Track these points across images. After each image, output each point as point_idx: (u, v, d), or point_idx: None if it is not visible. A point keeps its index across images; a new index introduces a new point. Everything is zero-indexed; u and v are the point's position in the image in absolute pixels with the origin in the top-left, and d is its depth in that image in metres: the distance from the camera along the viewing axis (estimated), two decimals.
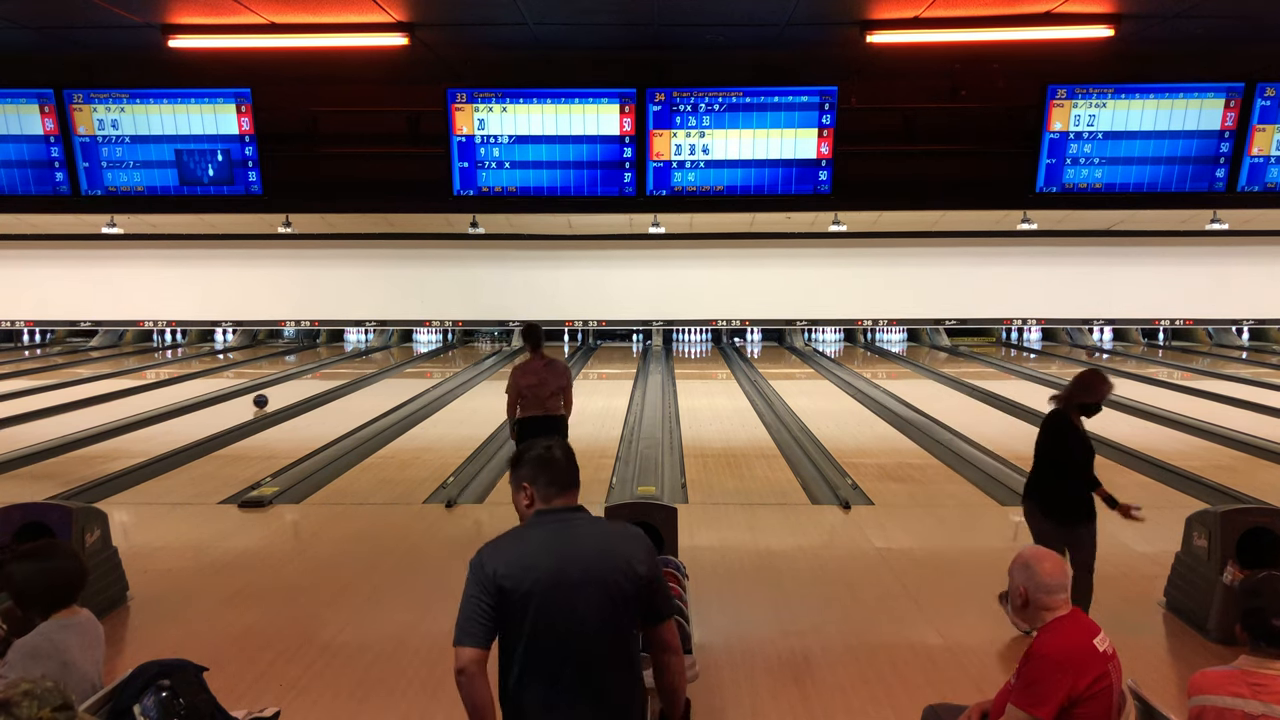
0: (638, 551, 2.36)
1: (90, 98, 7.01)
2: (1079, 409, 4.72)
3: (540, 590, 2.24)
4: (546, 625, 2.24)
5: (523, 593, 2.24)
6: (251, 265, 19.77)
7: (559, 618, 2.24)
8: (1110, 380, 4.78)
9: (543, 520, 2.37)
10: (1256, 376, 15.06)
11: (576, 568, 2.28)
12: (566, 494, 2.41)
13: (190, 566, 5.96)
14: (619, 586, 2.29)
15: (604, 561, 2.31)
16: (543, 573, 2.25)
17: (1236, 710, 2.53)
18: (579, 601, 2.25)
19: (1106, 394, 4.72)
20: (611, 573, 2.29)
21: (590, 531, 2.38)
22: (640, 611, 2.35)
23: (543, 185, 7.07)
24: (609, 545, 2.36)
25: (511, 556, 2.29)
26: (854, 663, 4.46)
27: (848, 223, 16.01)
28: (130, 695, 2.68)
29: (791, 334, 21.22)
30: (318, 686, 4.23)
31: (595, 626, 2.27)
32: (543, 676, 2.27)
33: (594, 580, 2.27)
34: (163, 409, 11.87)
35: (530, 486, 2.40)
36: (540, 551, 2.30)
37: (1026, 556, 2.86)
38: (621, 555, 2.33)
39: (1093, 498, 4.70)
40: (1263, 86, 6.72)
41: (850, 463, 8.76)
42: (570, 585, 2.25)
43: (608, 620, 2.29)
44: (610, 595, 2.28)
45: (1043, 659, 2.67)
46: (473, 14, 6.05)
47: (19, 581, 2.88)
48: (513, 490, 2.46)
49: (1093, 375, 4.78)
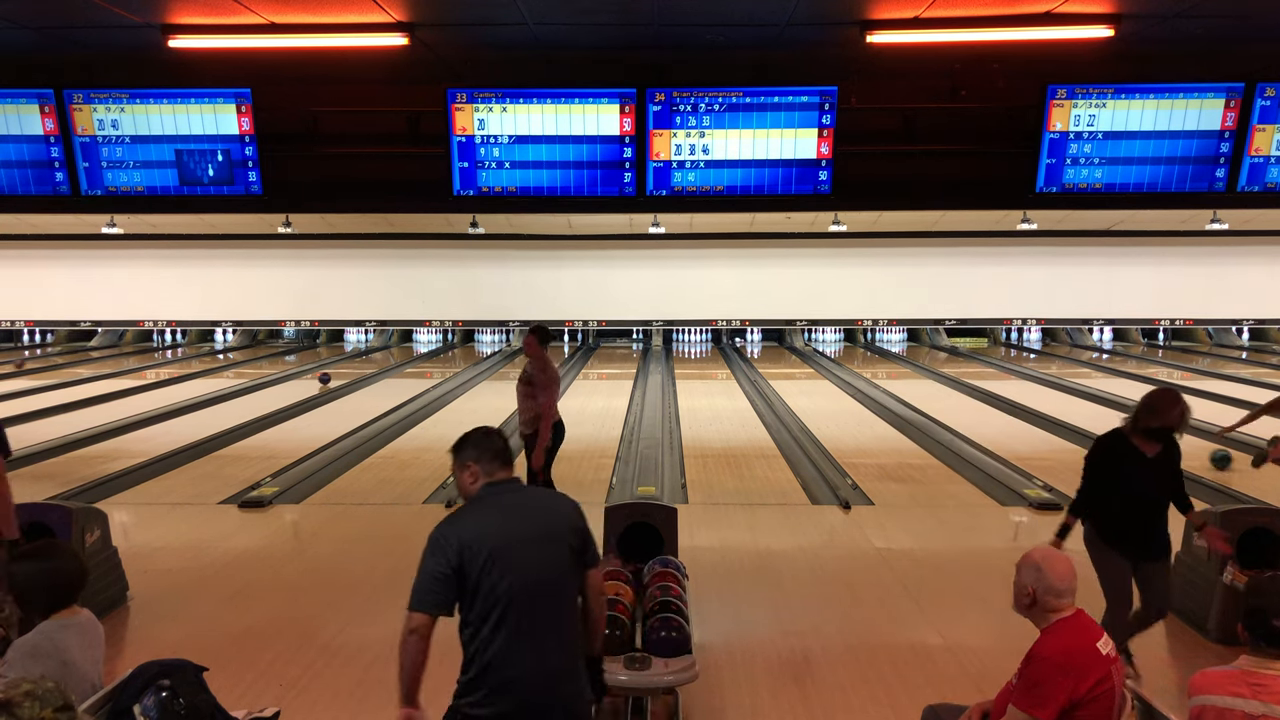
0: (572, 510, 2.76)
1: (90, 98, 7.01)
2: (1143, 433, 4.15)
3: (502, 548, 2.54)
4: (510, 579, 2.53)
5: (486, 554, 2.52)
6: (251, 265, 19.77)
7: (520, 570, 2.54)
8: (1184, 402, 4.14)
9: (493, 491, 2.68)
10: (1256, 376, 15.07)
11: (531, 525, 2.63)
12: (506, 468, 2.73)
13: (190, 566, 5.96)
14: (565, 539, 2.65)
15: (552, 519, 2.69)
16: (502, 533, 2.57)
17: (1237, 710, 2.53)
18: (535, 554, 2.58)
19: (1177, 419, 4.09)
20: (559, 528, 2.67)
21: (534, 495, 2.87)
22: (581, 560, 2.70)
23: (543, 185, 7.07)
24: (553, 505, 2.78)
25: (470, 525, 2.59)
26: (854, 663, 4.46)
27: (848, 223, 16.01)
28: (130, 695, 2.68)
29: (791, 334, 21.22)
30: (318, 686, 4.23)
31: (551, 575, 2.61)
32: (509, 626, 2.54)
33: (546, 535, 2.63)
34: (163, 409, 11.87)
35: (475, 465, 2.69)
36: (496, 517, 2.62)
37: (1037, 557, 2.83)
38: (563, 513, 2.72)
39: (1161, 534, 4.22)
40: (1263, 86, 6.72)
41: (850, 463, 8.76)
42: (527, 541, 2.59)
43: (560, 569, 2.63)
44: (560, 547, 2.63)
45: (1045, 661, 2.66)
46: (473, 14, 6.05)
47: (20, 581, 2.88)
48: (457, 472, 2.74)
49: (1161, 396, 4.17)
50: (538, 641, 2.56)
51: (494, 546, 2.53)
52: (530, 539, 2.59)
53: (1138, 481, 4.15)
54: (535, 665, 2.55)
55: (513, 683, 2.54)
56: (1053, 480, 7.95)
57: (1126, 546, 4.16)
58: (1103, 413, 11.48)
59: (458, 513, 2.69)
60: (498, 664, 2.54)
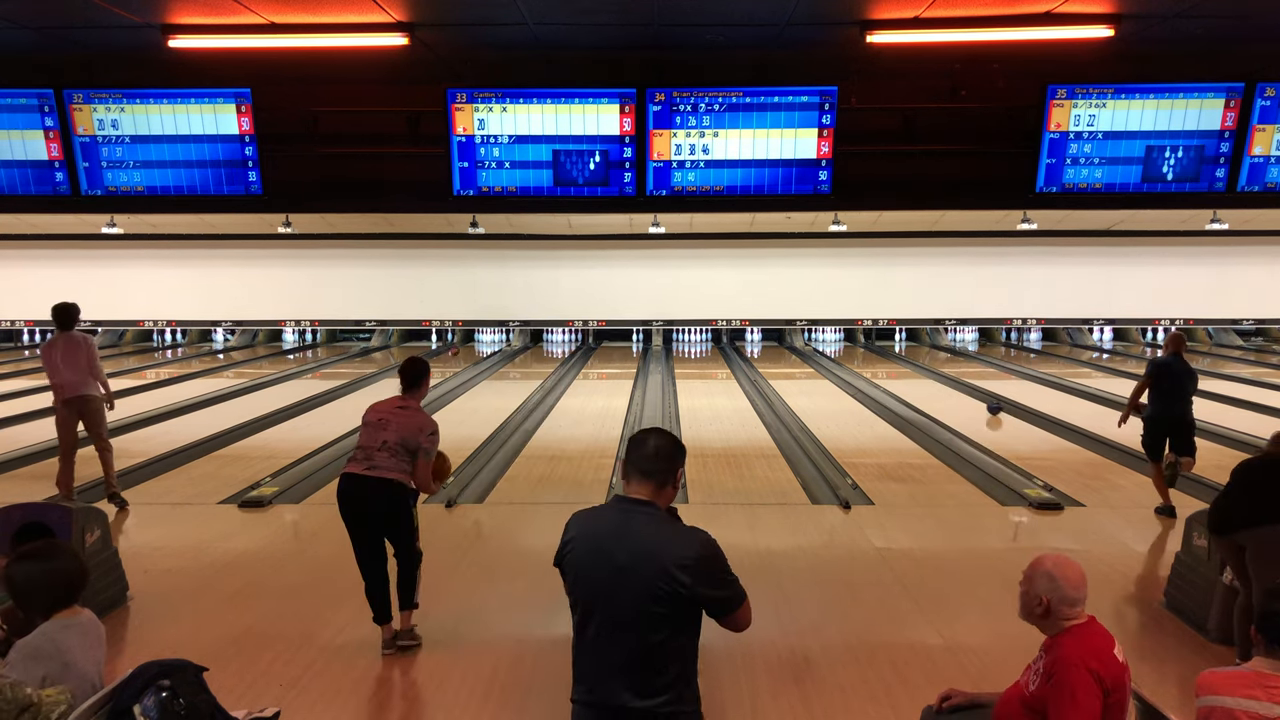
0: (688, 558, 2.43)
1: (90, 98, 7.01)
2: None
3: (588, 559, 2.50)
4: (588, 592, 2.51)
5: (578, 556, 2.54)
6: (252, 265, 19.77)
7: (593, 587, 2.48)
8: None
9: (613, 502, 2.61)
10: (1256, 376, 15.06)
11: (622, 550, 2.45)
12: (641, 481, 2.56)
13: (190, 566, 5.96)
14: (653, 583, 2.41)
15: (649, 557, 2.43)
16: (595, 544, 2.51)
17: (1250, 712, 2.51)
18: (617, 583, 2.44)
19: None
20: (651, 569, 2.41)
21: (647, 522, 2.51)
22: (688, 613, 2.48)
23: (543, 185, 7.07)
24: (658, 543, 2.46)
25: (581, 523, 2.60)
26: (854, 663, 4.46)
27: (848, 223, 16.01)
28: (130, 695, 2.67)
29: (791, 334, 21.21)
30: (318, 686, 4.23)
31: (628, 613, 2.43)
32: (580, 627, 2.54)
33: (633, 568, 2.42)
34: (163, 409, 11.87)
35: (623, 466, 2.63)
36: (597, 526, 2.56)
37: (1049, 565, 2.72)
38: (666, 557, 2.43)
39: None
40: (1263, 86, 6.73)
41: (850, 463, 8.76)
42: (613, 565, 2.44)
43: (639, 611, 2.42)
44: (642, 589, 2.41)
45: (1075, 667, 2.56)
46: (473, 14, 6.05)
47: (19, 582, 2.88)
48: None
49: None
50: (597, 663, 2.50)
51: (582, 554, 2.53)
52: (621, 566, 2.44)
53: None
54: (596, 682, 2.50)
55: (580, 681, 2.54)
56: (1053, 480, 7.95)
57: None
58: (1103, 413, 11.48)
59: (589, 509, 2.68)
60: (575, 659, 2.57)
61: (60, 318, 7.18)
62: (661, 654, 2.44)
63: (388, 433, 4.58)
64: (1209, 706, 2.58)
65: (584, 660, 2.53)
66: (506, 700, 4.12)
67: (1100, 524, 6.85)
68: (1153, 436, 7.13)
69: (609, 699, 2.45)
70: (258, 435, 10.54)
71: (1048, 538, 6.53)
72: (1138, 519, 6.97)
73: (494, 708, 4.06)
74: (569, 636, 2.63)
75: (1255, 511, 4.21)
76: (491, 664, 4.49)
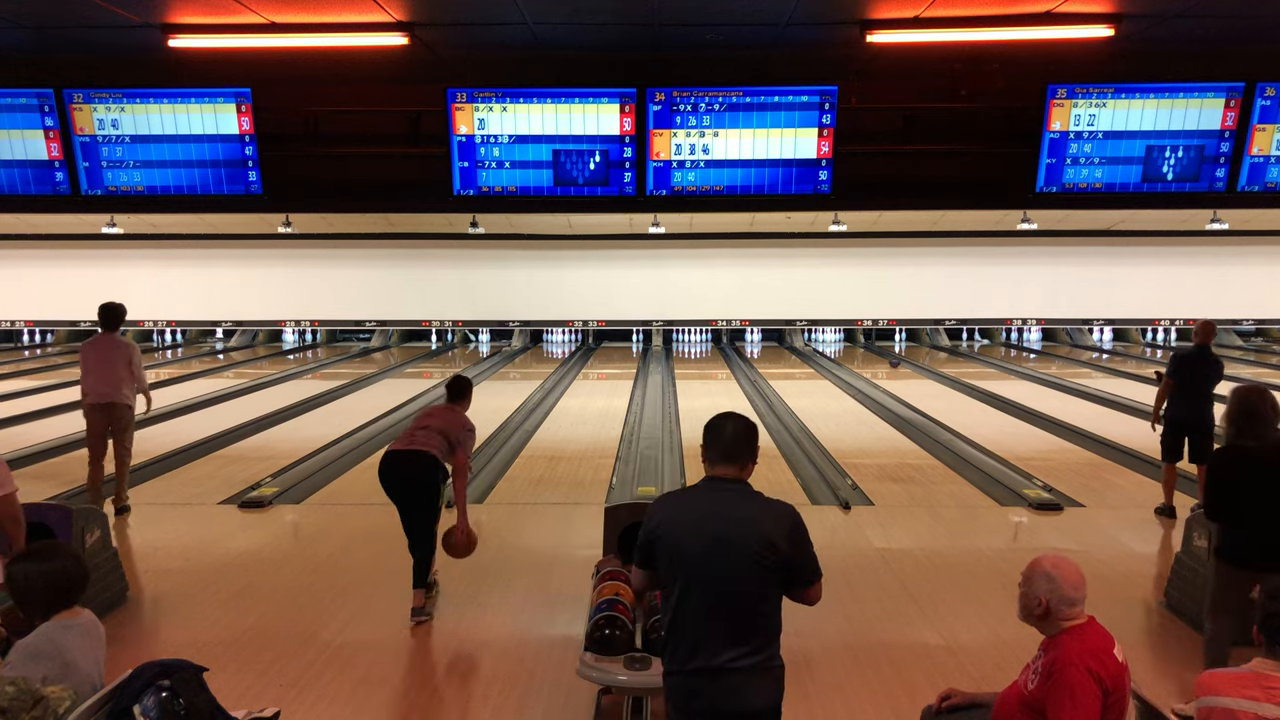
0: (781, 528, 2.65)
1: (90, 98, 7.01)
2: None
3: (687, 538, 2.63)
4: (689, 568, 2.61)
5: (675, 538, 2.64)
6: (252, 265, 19.77)
7: (698, 565, 2.60)
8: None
9: (704, 483, 2.77)
10: (1257, 376, 15.07)
11: (721, 525, 2.62)
12: (726, 464, 2.76)
13: (190, 566, 5.96)
14: (754, 552, 2.58)
15: (746, 528, 2.62)
16: (693, 524, 2.65)
17: (1249, 713, 2.51)
18: (718, 555, 2.59)
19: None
20: (750, 538, 2.60)
21: (740, 498, 2.72)
22: (781, 579, 2.66)
23: (543, 185, 7.07)
24: (753, 516, 2.67)
25: (671, 507, 2.75)
26: (854, 663, 4.46)
27: (848, 223, 16.01)
28: (130, 695, 2.67)
29: (791, 334, 21.21)
30: (318, 686, 4.23)
31: (730, 581, 2.59)
32: (686, 609, 2.62)
33: (734, 540, 2.59)
34: (162, 409, 11.85)
35: (704, 450, 2.82)
36: (693, 506, 2.72)
37: (1048, 565, 2.72)
38: (763, 527, 2.63)
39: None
40: (1263, 86, 6.73)
41: (850, 463, 8.75)
42: (713, 539, 2.60)
43: (739, 578, 2.59)
44: (744, 557, 2.58)
45: (1074, 666, 2.56)
46: (472, 14, 6.05)
47: (19, 582, 2.88)
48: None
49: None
50: (704, 638, 2.61)
51: (679, 533, 2.65)
52: (718, 539, 2.61)
53: None
54: (697, 650, 2.61)
55: (678, 651, 2.65)
56: (1053, 480, 7.95)
57: None
58: (1103, 413, 11.49)
59: (672, 493, 2.89)
60: (673, 641, 2.67)
61: (105, 317, 7.04)
62: (760, 615, 2.63)
63: (432, 420, 5.21)
64: (1209, 708, 2.58)
65: (685, 631, 2.62)
66: (506, 700, 4.13)
67: (1100, 524, 6.85)
68: (1172, 437, 6.75)
69: (711, 661, 2.58)
70: (258, 435, 10.53)
71: (1047, 538, 6.53)
72: (1137, 519, 6.97)
73: (494, 707, 4.06)
74: (569, 636, 2.64)
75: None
76: (492, 664, 4.49)
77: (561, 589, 5.41)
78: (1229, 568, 3.90)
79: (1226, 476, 3.90)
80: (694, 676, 2.60)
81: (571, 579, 5.44)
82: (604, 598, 3.91)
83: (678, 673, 2.63)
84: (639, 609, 4.07)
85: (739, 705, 2.58)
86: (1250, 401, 3.92)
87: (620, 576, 4.25)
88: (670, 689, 2.67)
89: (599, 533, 4.91)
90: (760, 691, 2.61)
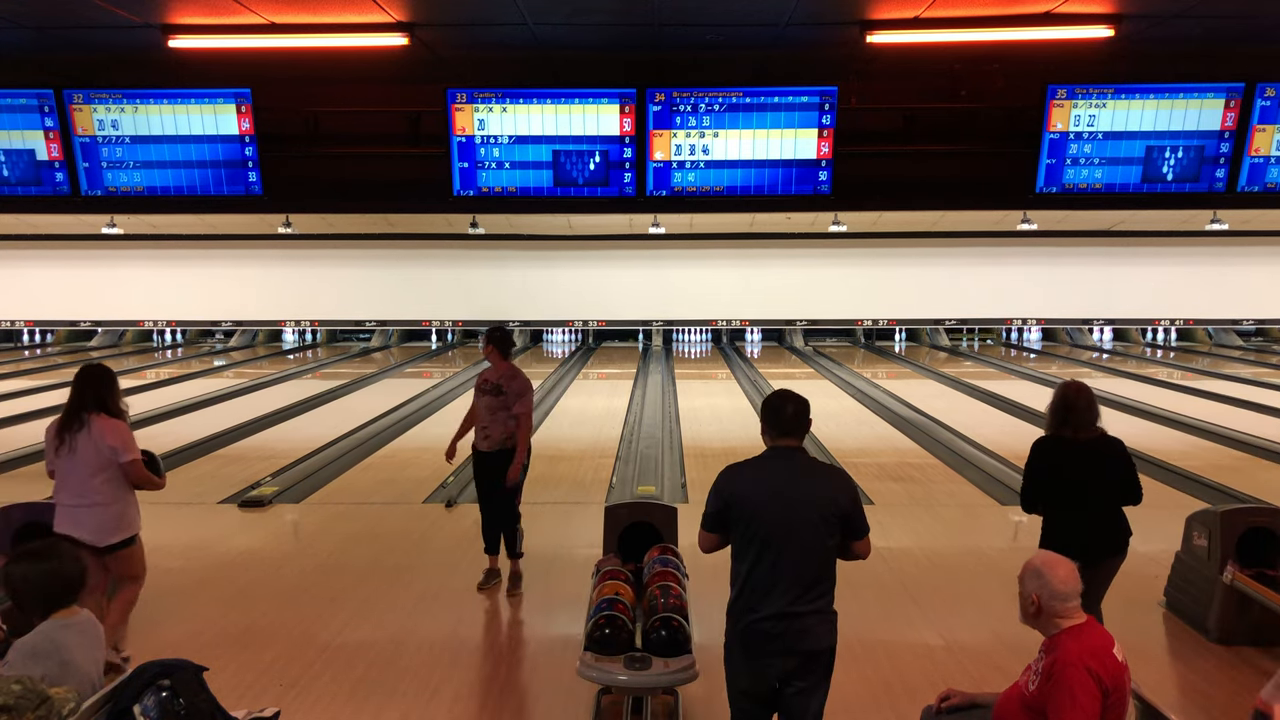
0: (841, 487, 3.04)
1: (90, 98, 7.00)
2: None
3: (763, 502, 2.97)
4: (766, 528, 2.95)
5: (752, 503, 2.99)
6: (252, 265, 19.76)
7: (775, 524, 2.94)
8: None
9: (771, 454, 3.10)
10: (1257, 376, 15.07)
11: (792, 488, 2.98)
12: (787, 438, 3.09)
13: (190, 566, 5.96)
14: (821, 508, 2.96)
15: (813, 489, 3.00)
16: (767, 489, 2.99)
17: None
18: (792, 514, 2.94)
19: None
20: (817, 497, 2.97)
21: (805, 464, 3.07)
22: (841, 530, 3.01)
23: (543, 186, 7.07)
24: (818, 478, 3.04)
25: (745, 476, 3.07)
26: (854, 663, 4.46)
27: (848, 223, 16.01)
28: (130, 695, 2.67)
29: (791, 334, 21.21)
30: (318, 686, 4.23)
31: (803, 535, 2.94)
32: (763, 564, 2.96)
33: (804, 500, 2.96)
34: (163, 409, 11.87)
35: (765, 426, 3.12)
36: (766, 474, 3.05)
37: (1037, 563, 2.76)
38: (827, 488, 3.01)
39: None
40: (1263, 86, 6.72)
41: (850, 463, 8.75)
42: (785, 501, 2.96)
43: (811, 532, 2.95)
44: (814, 514, 2.95)
45: (1073, 666, 2.57)
46: (473, 14, 6.05)
47: (18, 582, 2.88)
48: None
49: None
50: (780, 585, 2.94)
51: (759, 498, 2.98)
52: (792, 500, 2.96)
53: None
54: (770, 599, 2.95)
55: (754, 602, 2.98)
56: None
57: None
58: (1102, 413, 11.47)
59: (740, 464, 3.15)
60: (747, 593, 3.00)
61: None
62: (826, 566, 3.00)
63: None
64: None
65: (760, 585, 2.96)
66: (506, 700, 4.13)
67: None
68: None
69: (784, 609, 2.93)
70: (257, 435, 10.54)
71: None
72: (1137, 519, 6.95)
73: (494, 707, 4.06)
74: (569, 636, 2.64)
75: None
76: (492, 664, 4.50)
77: (561, 589, 5.41)
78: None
79: (1040, 464, 4.13)
80: (774, 620, 2.93)
81: (571, 579, 5.44)
82: (604, 597, 3.92)
83: (758, 620, 2.95)
84: (639, 609, 4.07)
85: (812, 644, 2.96)
86: (1067, 396, 4.20)
87: (620, 576, 4.25)
88: (747, 635, 2.97)
89: (599, 532, 4.91)
90: (825, 633, 2.99)
